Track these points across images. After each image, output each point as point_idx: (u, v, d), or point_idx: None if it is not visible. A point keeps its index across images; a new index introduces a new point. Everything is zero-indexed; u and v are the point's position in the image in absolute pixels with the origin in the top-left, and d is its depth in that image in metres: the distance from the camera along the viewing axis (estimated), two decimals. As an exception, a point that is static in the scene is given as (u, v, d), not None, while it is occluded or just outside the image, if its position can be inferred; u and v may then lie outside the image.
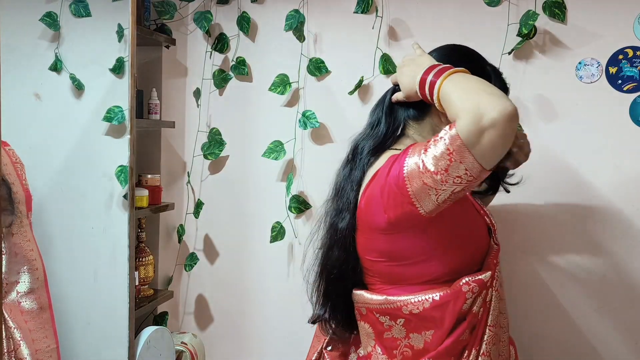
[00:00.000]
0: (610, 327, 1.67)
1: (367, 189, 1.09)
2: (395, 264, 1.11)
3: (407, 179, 0.98)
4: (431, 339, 1.07)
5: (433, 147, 0.96)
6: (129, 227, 1.73)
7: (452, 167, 0.93)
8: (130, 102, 1.70)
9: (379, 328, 1.13)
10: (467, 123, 0.90)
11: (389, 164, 1.05)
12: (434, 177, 0.95)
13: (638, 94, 1.61)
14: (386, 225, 1.06)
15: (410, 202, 1.00)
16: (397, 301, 1.09)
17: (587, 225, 1.67)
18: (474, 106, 0.90)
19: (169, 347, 1.88)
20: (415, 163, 0.98)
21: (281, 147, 1.92)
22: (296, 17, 1.86)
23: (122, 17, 1.72)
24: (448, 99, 0.97)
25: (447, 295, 1.06)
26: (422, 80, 1.04)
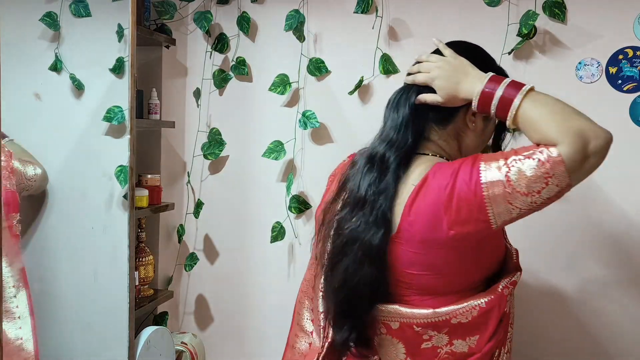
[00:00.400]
0: (611, 327, 1.67)
1: (415, 201, 1.02)
2: (438, 276, 1.06)
3: (488, 199, 0.95)
4: (476, 344, 1.07)
5: (519, 164, 0.93)
6: (129, 227, 1.73)
7: (547, 189, 0.93)
8: (130, 102, 1.70)
9: (414, 341, 1.07)
10: (573, 150, 0.90)
11: (447, 177, 0.99)
12: (524, 199, 0.94)
13: (638, 94, 1.61)
14: (446, 241, 1.00)
15: (487, 220, 0.97)
16: (446, 313, 1.05)
17: (586, 225, 1.68)
18: (578, 133, 0.90)
19: (169, 347, 1.88)
20: (500, 182, 0.94)
21: (281, 147, 1.92)
22: (296, 17, 1.86)
23: (122, 17, 1.72)
24: (534, 119, 0.96)
25: (492, 301, 1.06)
26: (487, 93, 1.01)
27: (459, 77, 1.05)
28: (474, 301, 1.05)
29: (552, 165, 0.91)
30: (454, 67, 1.06)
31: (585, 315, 1.69)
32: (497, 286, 1.08)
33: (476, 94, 1.02)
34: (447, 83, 1.05)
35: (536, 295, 1.73)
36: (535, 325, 1.73)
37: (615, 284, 1.66)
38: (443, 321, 1.06)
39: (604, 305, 1.67)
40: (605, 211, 1.66)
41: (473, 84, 1.03)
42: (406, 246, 1.04)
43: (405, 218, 1.03)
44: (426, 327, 1.06)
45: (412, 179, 1.05)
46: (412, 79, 1.11)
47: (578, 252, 1.69)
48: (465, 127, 1.11)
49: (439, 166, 1.03)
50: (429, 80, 1.08)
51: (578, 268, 1.69)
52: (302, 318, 1.25)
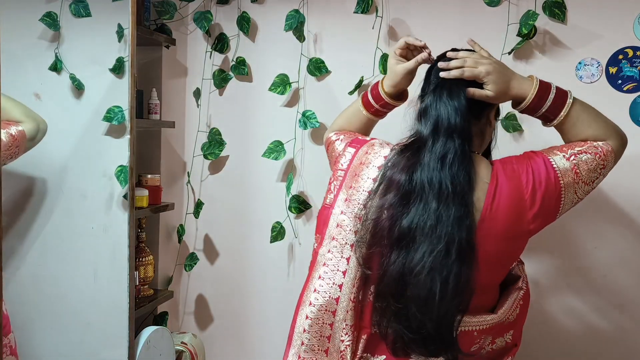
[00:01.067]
0: (611, 327, 1.67)
1: (494, 199, 1.02)
2: (498, 271, 1.12)
3: (564, 187, 1.05)
4: (511, 339, 1.14)
5: (580, 156, 1.05)
6: (129, 227, 1.73)
7: (598, 180, 1.07)
8: (130, 102, 1.70)
9: (466, 347, 1.06)
10: (619, 144, 1.08)
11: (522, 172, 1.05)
12: (585, 188, 1.07)
13: (638, 94, 1.61)
14: (522, 234, 1.06)
15: (557, 210, 1.07)
16: (505, 315, 1.10)
17: (586, 225, 1.68)
18: (618, 131, 1.09)
19: (169, 347, 1.88)
20: (570, 171, 1.05)
21: (281, 147, 1.92)
22: (296, 17, 1.86)
23: (122, 17, 1.72)
24: (585, 121, 1.09)
25: (525, 296, 1.15)
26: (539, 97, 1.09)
27: (508, 74, 1.10)
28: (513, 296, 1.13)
29: (607, 155, 1.06)
30: (502, 65, 1.11)
31: (586, 315, 1.69)
32: (520, 283, 1.16)
33: (529, 98, 1.09)
34: (500, 78, 1.09)
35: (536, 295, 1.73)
36: (535, 325, 1.73)
37: (615, 284, 1.66)
38: (500, 323, 1.10)
39: (604, 305, 1.67)
40: (605, 211, 1.66)
41: (522, 83, 1.10)
42: (483, 245, 1.01)
43: (486, 216, 1.02)
44: (484, 332, 1.09)
45: (481, 177, 1.05)
46: (459, 73, 1.07)
47: (577, 252, 1.69)
48: (488, 125, 1.16)
49: (502, 162, 1.08)
50: (480, 75, 1.07)
51: (577, 268, 1.69)
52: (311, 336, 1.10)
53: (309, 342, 1.10)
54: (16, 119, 1.53)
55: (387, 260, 1.02)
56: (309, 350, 1.11)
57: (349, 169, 1.15)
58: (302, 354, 1.11)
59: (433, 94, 1.09)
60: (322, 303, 1.09)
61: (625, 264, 1.65)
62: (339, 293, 1.07)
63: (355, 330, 1.07)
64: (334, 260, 1.09)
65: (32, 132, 1.56)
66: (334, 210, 1.12)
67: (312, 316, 1.09)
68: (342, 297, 1.07)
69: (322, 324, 1.09)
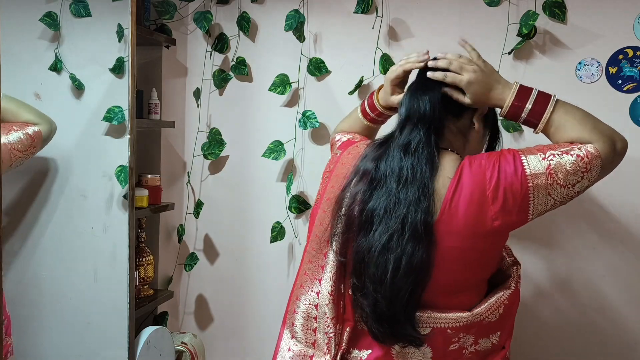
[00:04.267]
0: (610, 327, 1.67)
1: (454, 194, 1.02)
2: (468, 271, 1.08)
3: (533, 189, 1.01)
4: (499, 340, 1.11)
5: (558, 158, 1.01)
6: (129, 227, 1.73)
7: (580, 184, 1.02)
8: (130, 102, 1.70)
9: (443, 345, 1.07)
10: (607, 147, 1.02)
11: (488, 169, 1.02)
12: (561, 190, 1.01)
13: (638, 94, 1.61)
14: (486, 233, 1.03)
15: (527, 210, 1.03)
16: (480, 313, 1.07)
17: (586, 225, 1.68)
18: (607, 134, 1.04)
19: (169, 347, 1.88)
20: (543, 174, 1.01)
21: (281, 147, 1.92)
22: (296, 17, 1.86)
23: (122, 17, 1.72)
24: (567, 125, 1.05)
25: (512, 296, 1.11)
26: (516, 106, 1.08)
27: (491, 84, 1.09)
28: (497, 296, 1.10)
29: (591, 160, 1.01)
30: (487, 73, 1.10)
31: (586, 315, 1.69)
32: (509, 282, 1.13)
33: (506, 105, 1.08)
34: (480, 89, 1.09)
35: (535, 295, 1.73)
36: (535, 325, 1.74)
37: (615, 284, 1.66)
38: (476, 322, 1.08)
39: (604, 305, 1.67)
40: (605, 210, 1.66)
41: (503, 92, 1.09)
42: (444, 241, 1.02)
43: (445, 211, 1.02)
44: (459, 330, 1.07)
45: (445, 171, 1.05)
46: (442, 76, 1.10)
47: (577, 252, 1.69)
48: (472, 126, 1.14)
49: (471, 159, 1.06)
50: (461, 83, 1.09)
51: (577, 268, 1.69)
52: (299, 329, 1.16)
53: (297, 335, 1.15)
54: (32, 121, 1.59)
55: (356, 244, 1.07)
56: (298, 343, 1.15)
57: (333, 171, 1.22)
58: (292, 346, 1.16)
59: (411, 88, 1.15)
60: (306, 297, 1.15)
61: (624, 264, 1.65)
62: (319, 287, 1.12)
63: (337, 322, 1.10)
64: (315, 257, 1.15)
65: (47, 133, 1.62)
66: (319, 210, 1.18)
67: (299, 310, 1.15)
68: (322, 291, 1.11)
69: (308, 317, 1.14)
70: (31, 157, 1.58)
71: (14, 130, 1.52)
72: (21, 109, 1.57)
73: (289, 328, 1.18)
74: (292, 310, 1.17)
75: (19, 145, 1.52)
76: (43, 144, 1.61)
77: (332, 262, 1.10)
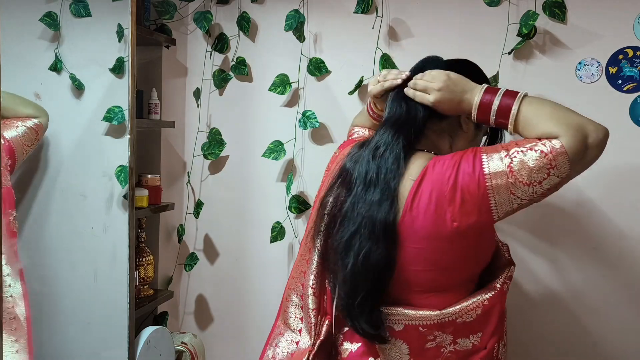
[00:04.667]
0: (610, 327, 1.67)
1: (416, 195, 1.03)
2: (441, 271, 1.07)
3: (491, 189, 0.98)
4: (480, 341, 1.09)
5: (522, 155, 0.97)
6: (129, 227, 1.73)
7: (548, 180, 0.97)
8: (130, 102, 1.70)
9: (419, 342, 1.08)
10: (574, 141, 0.96)
11: (448, 169, 1.01)
12: (526, 189, 0.98)
13: (638, 94, 1.61)
14: (448, 234, 1.02)
15: (489, 210, 1.00)
16: (452, 313, 1.06)
17: (586, 225, 1.68)
18: (578, 127, 0.97)
19: (169, 347, 1.88)
20: (503, 173, 0.97)
21: (281, 147, 1.92)
22: (296, 17, 1.86)
23: (122, 17, 1.72)
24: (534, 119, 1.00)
25: (494, 297, 1.08)
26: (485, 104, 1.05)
27: (457, 96, 1.08)
28: (476, 298, 1.07)
29: (555, 156, 0.95)
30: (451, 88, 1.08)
31: (585, 314, 1.69)
32: (495, 283, 1.10)
33: (474, 106, 1.06)
34: (448, 105, 1.08)
35: (535, 295, 1.73)
36: (535, 325, 1.74)
37: (615, 284, 1.66)
38: (449, 321, 1.07)
39: (604, 305, 1.67)
40: (605, 211, 1.66)
41: (472, 97, 1.07)
42: (409, 242, 1.05)
43: (407, 213, 1.04)
44: (432, 328, 1.07)
45: (410, 174, 1.06)
46: (411, 94, 1.12)
47: (577, 252, 1.69)
48: (459, 128, 1.14)
49: (437, 159, 1.05)
50: (428, 103, 1.09)
51: (577, 268, 1.69)
52: (289, 316, 1.24)
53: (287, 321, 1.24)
54: (32, 114, 1.61)
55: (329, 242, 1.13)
56: (288, 329, 1.23)
57: (330, 170, 1.27)
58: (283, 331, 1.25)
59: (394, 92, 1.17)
60: (294, 287, 1.24)
61: (624, 264, 1.65)
62: (304, 279, 1.20)
63: (318, 314, 1.16)
64: (304, 250, 1.22)
65: (46, 124, 1.67)
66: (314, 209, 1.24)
67: (290, 299, 1.24)
68: (306, 283, 1.18)
69: (296, 306, 1.23)
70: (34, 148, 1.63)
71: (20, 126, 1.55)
72: (20, 104, 1.60)
73: (283, 314, 1.26)
74: (285, 299, 1.26)
75: (27, 141, 1.57)
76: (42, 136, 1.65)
77: (315, 258, 1.16)
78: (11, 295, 1.43)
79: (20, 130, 1.56)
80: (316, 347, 1.14)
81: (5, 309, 1.40)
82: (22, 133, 1.56)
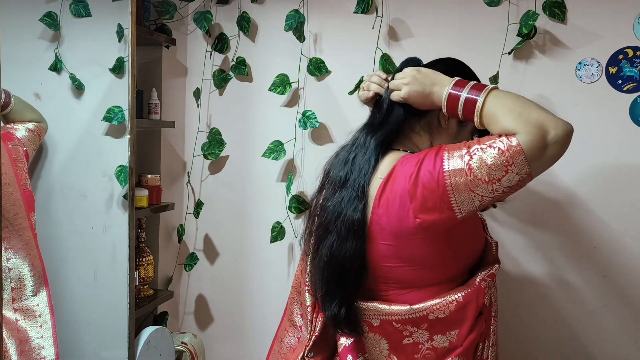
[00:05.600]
0: (610, 327, 1.67)
1: (383, 193, 1.06)
2: (413, 268, 1.08)
3: (451, 187, 0.98)
4: (456, 338, 1.09)
5: (481, 153, 0.97)
6: (129, 227, 1.73)
7: (507, 178, 0.96)
8: (130, 102, 1.70)
9: (396, 337, 1.10)
10: (532, 139, 0.94)
11: (412, 166, 1.02)
12: (485, 186, 0.97)
13: (638, 94, 1.61)
14: (414, 231, 1.03)
15: (450, 207, 1.00)
16: (423, 309, 1.07)
17: (586, 225, 1.68)
18: (536, 123, 0.94)
19: (169, 347, 1.88)
20: (462, 171, 0.97)
21: (281, 147, 1.92)
22: (296, 17, 1.86)
23: (122, 17, 1.72)
24: (495, 114, 0.99)
25: (469, 294, 1.08)
26: (453, 96, 1.04)
27: (426, 89, 1.09)
28: (451, 296, 1.08)
29: (512, 153, 0.95)
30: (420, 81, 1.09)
31: (585, 315, 1.69)
32: (474, 279, 1.11)
33: (444, 98, 1.06)
34: (418, 98, 1.10)
35: (535, 295, 1.73)
36: (535, 325, 1.74)
37: (615, 284, 1.66)
38: (421, 317, 1.08)
39: (604, 305, 1.67)
40: (605, 211, 1.66)
41: (440, 88, 1.07)
42: (379, 239, 1.08)
43: (375, 211, 1.07)
44: (405, 324, 1.09)
45: (379, 172, 1.09)
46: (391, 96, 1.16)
47: (577, 252, 1.69)
48: (439, 125, 1.15)
49: (406, 157, 1.07)
50: (404, 99, 1.11)
51: (577, 268, 1.69)
52: (293, 313, 1.29)
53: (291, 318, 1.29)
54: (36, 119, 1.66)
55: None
56: (290, 326, 1.29)
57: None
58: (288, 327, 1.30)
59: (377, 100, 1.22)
60: (296, 286, 1.30)
61: (624, 264, 1.65)
62: (301, 277, 1.25)
63: (313, 311, 1.19)
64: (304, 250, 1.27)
65: (46, 129, 1.70)
66: None
67: (293, 297, 1.31)
68: (302, 281, 1.24)
69: (297, 304, 1.28)
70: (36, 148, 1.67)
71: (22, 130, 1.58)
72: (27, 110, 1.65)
73: (288, 312, 1.32)
74: (290, 297, 1.33)
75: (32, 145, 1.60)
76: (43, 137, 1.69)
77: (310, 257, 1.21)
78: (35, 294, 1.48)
79: (28, 134, 1.58)
80: (311, 342, 1.17)
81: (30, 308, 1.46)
82: (29, 136, 1.58)
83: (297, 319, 1.28)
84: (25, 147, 1.56)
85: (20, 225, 1.46)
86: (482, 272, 1.11)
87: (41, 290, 1.50)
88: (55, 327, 1.50)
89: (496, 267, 1.14)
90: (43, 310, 1.48)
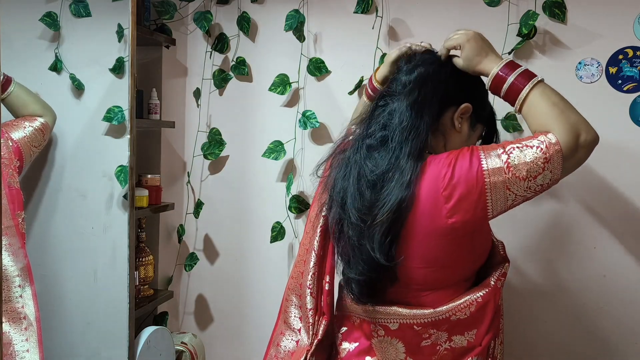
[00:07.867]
0: (610, 327, 1.67)
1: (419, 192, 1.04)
2: (437, 269, 1.08)
3: (489, 185, 0.99)
4: (475, 338, 1.10)
5: (518, 151, 0.99)
6: (129, 227, 1.73)
7: (542, 176, 0.99)
8: (130, 102, 1.70)
9: (415, 340, 1.10)
10: (569, 138, 0.98)
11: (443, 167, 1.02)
12: (522, 184, 0.99)
13: (638, 94, 1.61)
14: (445, 231, 1.03)
15: (485, 207, 1.01)
16: (446, 311, 1.07)
17: (586, 225, 1.68)
18: (572, 124, 0.99)
19: (169, 347, 1.88)
20: (501, 169, 0.99)
21: (281, 147, 1.92)
22: (296, 17, 1.86)
23: (122, 17, 1.72)
24: (537, 109, 1.03)
25: (487, 294, 1.09)
26: (500, 77, 1.07)
27: (482, 52, 1.11)
28: (471, 296, 1.08)
29: (553, 152, 0.98)
30: (481, 44, 1.12)
31: (585, 315, 1.69)
32: (489, 279, 1.12)
33: (491, 75, 1.08)
34: (471, 54, 1.11)
35: (536, 295, 1.73)
36: (535, 325, 1.73)
37: (615, 284, 1.66)
38: (443, 319, 1.08)
39: (604, 306, 1.67)
40: (605, 211, 1.66)
41: (491, 63, 1.09)
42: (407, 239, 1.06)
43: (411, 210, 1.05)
44: (426, 326, 1.08)
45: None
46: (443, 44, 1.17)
47: (577, 252, 1.69)
48: (452, 127, 1.15)
49: (433, 158, 1.06)
50: (458, 45, 1.13)
51: (577, 268, 1.69)
52: (289, 316, 1.27)
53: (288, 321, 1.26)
54: (38, 112, 1.63)
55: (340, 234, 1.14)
56: (288, 329, 1.26)
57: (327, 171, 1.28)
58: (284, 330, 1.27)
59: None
60: (293, 288, 1.27)
61: (624, 264, 1.65)
62: (302, 280, 1.23)
63: (315, 314, 1.18)
64: (303, 252, 1.26)
65: (52, 123, 1.68)
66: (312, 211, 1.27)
67: (289, 299, 1.27)
68: (303, 283, 1.21)
69: (295, 306, 1.26)
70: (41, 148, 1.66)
71: (27, 127, 1.56)
72: (29, 99, 1.63)
73: (283, 314, 1.29)
74: (285, 299, 1.29)
75: (35, 142, 1.58)
76: (48, 135, 1.67)
77: (313, 259, 1.19)
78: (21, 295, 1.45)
79: (28, 131, 1.58)
80: (314, 346, 1.17)
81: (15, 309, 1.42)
82: (29, 134, 1.58)
83: (294, 321, 1.26)
84: (17, 144, 1.54)
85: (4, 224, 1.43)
86: (495, 272, 1.13)
87: (27, 291, 1.47)
88: (40, 330, 1.47)
89: (506, 266, 1.16)
90: (28, 312, 1.45)
